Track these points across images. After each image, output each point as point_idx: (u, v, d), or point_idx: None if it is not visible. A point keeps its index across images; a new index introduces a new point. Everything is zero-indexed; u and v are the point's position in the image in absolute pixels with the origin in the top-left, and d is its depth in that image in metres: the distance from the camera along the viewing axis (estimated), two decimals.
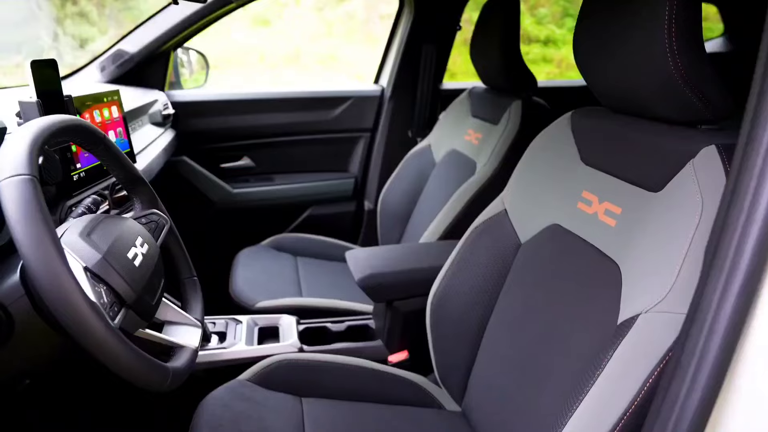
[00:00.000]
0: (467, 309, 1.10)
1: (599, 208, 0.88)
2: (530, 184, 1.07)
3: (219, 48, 5.30)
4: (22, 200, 0.60)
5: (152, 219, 0.93)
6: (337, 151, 2.28)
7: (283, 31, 5.93)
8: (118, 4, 5.48)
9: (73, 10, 5.57)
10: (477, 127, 1.67)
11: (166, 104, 1.83)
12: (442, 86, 2.24)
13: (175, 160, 1.98)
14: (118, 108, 1.24)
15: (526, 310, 0.99)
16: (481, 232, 1.13)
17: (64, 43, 5.24)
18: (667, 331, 0.64)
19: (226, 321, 1.42)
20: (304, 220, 2.25)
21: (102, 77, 1.80)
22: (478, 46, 1.61)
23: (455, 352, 1.13)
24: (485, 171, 1.50)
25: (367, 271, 1.30)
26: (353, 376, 1.19)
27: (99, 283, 0.69)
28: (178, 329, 0.88)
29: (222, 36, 5.34)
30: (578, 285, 0.87)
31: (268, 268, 1.75)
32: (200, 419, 0.99)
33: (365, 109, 2.23)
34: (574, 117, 1.01)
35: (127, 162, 0.91)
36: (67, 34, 5.34)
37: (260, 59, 5.73)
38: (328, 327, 1.45)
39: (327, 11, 6.24)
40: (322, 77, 5.68)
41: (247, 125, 2.12)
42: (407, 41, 2.07)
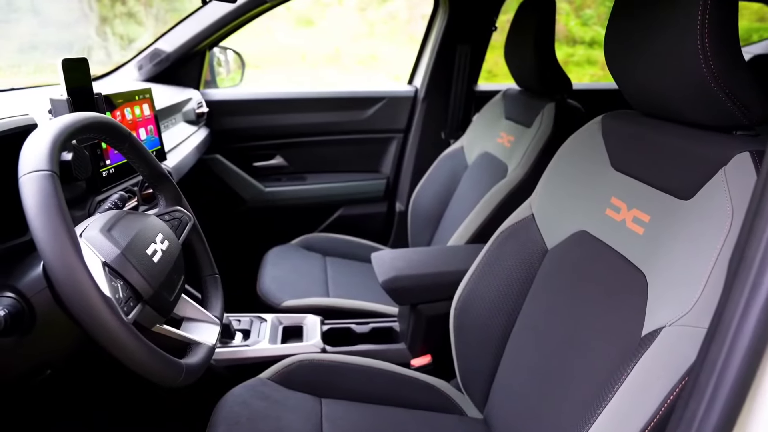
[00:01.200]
0: (491, 315, 1.08)
1: (627, 216, 0.84)
2: (558, 188, 1.04)
3: (261, 48, 5.39)
4: (41, 195, 0.61)
5: (175, 216, 0.94)
6: (369, 151, 2.27)
7: (325, 31, 5.99)
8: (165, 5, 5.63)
9: (122, 10, 5.76)
10: (510, 130, 1.64)
11: (200, 103, 1.87)
12: (477, 87, 2.21)
13: (208, 158, 2.02)
14: (149, 106, 1.26)
15: (550, 318, 0.96)
16: (507, 236, 1.10)
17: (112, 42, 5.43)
18: (691, 347, 0.61)
19: (250, 319, 1.43)
20: (334, 220, 2.26)
21: (139, 75, 1.84)
22: (512, 47, 1.57)
23: (478, 358, 1.11)
24: (516, 174, 1.46)
25: (391, 273, 1.29)
26: (374, 379, 1.18)
27: (116, 278, 0.70)
28: (196, 326, 0.89)
29: (265, 36, 5.42)
30: (604, 294, 0.84)
31: (296, 267, 1.76)
32: (218, 416, 1.00)
33: (398, 110, 2.21)
34: (605, 121, 0.97)
35: (152, 159, 0.92)
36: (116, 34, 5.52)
37: (302, 59, 5.79)
38: (352, 328, 1.44)
39: (370, 11, 6.27)
40: (361, 77, 5.70)
41: (281, 124, 2.13)
42: (441, 41, 2.05)
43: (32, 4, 4.57)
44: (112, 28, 5.59)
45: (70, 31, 4.74)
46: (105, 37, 5.31)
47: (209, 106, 1.96)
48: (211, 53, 2.05)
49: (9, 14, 4.37)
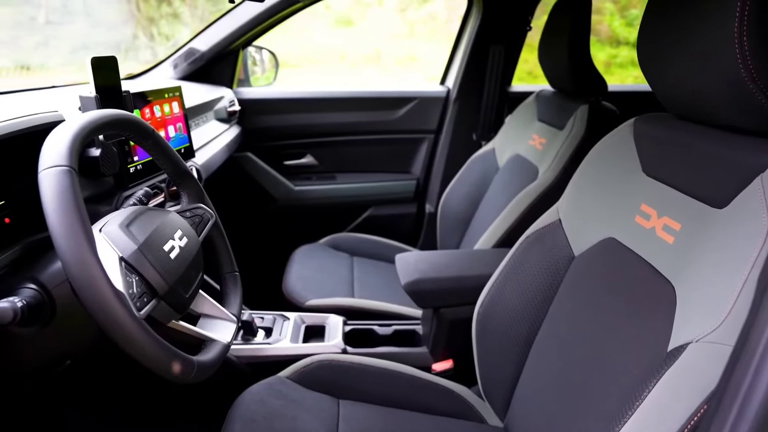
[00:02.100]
0: (514, 321, 1.05)
1: (657, 223, 0.80)
2: (587, 193, 1.00)
3: (301, 47, 5.45)
4: (58, 190, 0.62)
5: (197, 213, 0.95)
6: (400, 151, 2.26)
7: (365, 32, 6.01)
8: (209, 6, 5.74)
9: (168, 11, 5.91)
10: (542, 132, 1.60)
11: (232, 101, 1.89)
12: (511, 88, 2.16)
13: (239, 156, 2.04)
14: (179, 104, 1.28)
15: (574, 327, 0.93)
16: (533, 241, 1.07)
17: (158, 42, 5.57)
18: (718, 366, 0.57)
19: (274, 317, 1.44)
20: (364, 220, 2.25)
21: (174, 74, 1.87)
22: (546, 47, 1.54)
23: (500, 365, 1.08)
24: (546, 178, 1.42)
25: (414, 275, 1.27)
26: (394, 382, 1.16)
27: (132, 274, 0.70)
28: (213, 323, 0.89)
29: (305, 36, 5.48)
30: (630, 304, 0.81)
31: (323, 266, 1.76)
32: (235, 413, 1.00)
33: (430, 110, 2.19)
34: (637, 124, 0.93)
35: (175, 156, 0.93)
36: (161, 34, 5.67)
37: (341, 59, 5.82)
38: (374, 330, 1.43)
39: (410, 12, 6.25)
40: (399, 78, 5.69)
41: (312, 123, 2.14)
42: (474, 41, 2.02)
43: (85, 6, 4.75)
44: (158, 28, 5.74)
45: (118, 31, 4.90)
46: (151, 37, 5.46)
47: (242, 104, 1.98)
48: (245, 52, 2.07)
49: (64, 16, 4.55)
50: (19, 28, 3.99)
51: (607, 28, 5.50)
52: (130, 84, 1.54)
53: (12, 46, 3.55)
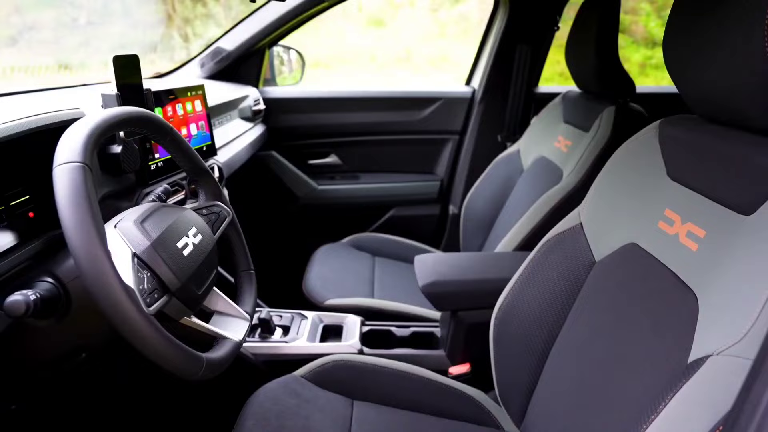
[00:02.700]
0: (532, 327, 1.03)
1: (681, 229, 0.77)
2: (610, 197, 0.97)
3: (332, 47, 5.47)
4: (71, 186, 0.63)
5: (213, 211, 0.95)
6: (424, 152, 2.24)
7: (396, 32, 6.00)
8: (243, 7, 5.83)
9: (202, 11, 6.01)
10: (567, 134, 1.56)
11: (257, 100, 1.90)
12: (537, 89, 2.13)
13: (264, 154, 2.06)
14: (201, 102, 1.29)
15: (594, 334, 0.90)
16: (554, 245, 1.05)
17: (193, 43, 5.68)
18: (738, 381, 0.54)
19: (292, 315, 1.44)
20: (386, 220, 2.24)
21: (201, 73, 1.90)
22: (572, 47, 1.50)
23: (517, 370, 1.06)
24: (569, 181, 1.39)
25: (432, 277, 1.25)
26: (409, 385, 1.15)
27: (144, 270, 0.71)
28: (225, 320, 0.89)
29: (337, 36, 5.51)
30: (651, 313, 0.78)
31: (344, 266, 1.76)
32: (249, 410, 1.01)
33: (455, 111, 2.17)
34: (663, 126, 0.90)
35: (193, 154, 0.94)
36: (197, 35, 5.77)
37: (372, 59, 5.83)
38: (392, 331, 1.42)
39: (441, 12, 6.22)
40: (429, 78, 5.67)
41: (336, 123, 2.14)
42: (501, 41, 1.99)
43: (124, 7, 4.86)
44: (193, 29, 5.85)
45: (154, 31, 5.00)
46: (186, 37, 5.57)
47: (267, 103, 1.99)
48: (272, 51, 2.09)
49: (104, 17, 4.67)
50: (62, 29, 4.11)
51: (643, 29, 5.36)
52: (157, 82, 1.56)
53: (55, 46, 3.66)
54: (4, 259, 0.76)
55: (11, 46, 3.43)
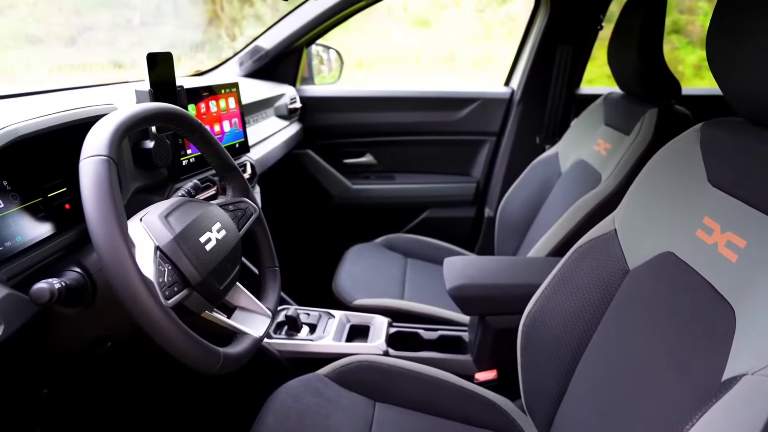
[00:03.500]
0: (561, 335, 1.00)
1: (720, 239, 0.73)
2: (646, 203, 0.93)
3: (377, 47, 5.49)
4: (95, 178, 0.64)
5: (240, 207, 0.96)
6: (460, 153, 2.21)
7: (441, 33, 5.97)
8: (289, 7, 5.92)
9: (250, 12, 6.13)
10: (608, 137, 1.51)
11: (293, 98, 1.92)
12: (579, 91, 2.07)
13: (299, 152, 2.07)
14: (235, 99, 1.30)
15: (625, 346, 0.86)
16: (586, 252, 1.01)
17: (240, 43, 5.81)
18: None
19: (319, 314, 1.44)
20: (420, 221, 2.23)
21: (240, 71, 1.93)
22: (615, 47, 1.45)
23: (544, 380, 1.02)
24: (607, 185, 1.34)
25: (460, 280, 1.23)
26: (433, 389, 1.13)
27: (165, 263, 0.72)
28: (247, 316, 0.90)
29: (382, 37, 5.52)
30: (686, 326, 0.74)
31: (375, 266, 1.75)
32: (269, 407, 1.01)
33: (492, 112, 2.13)
34: (705, 129, 0.85)
35: (221, 151, 0.95)
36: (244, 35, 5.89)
37: (416, 60, 5.82)
38: (419, 333, 1.40)
39: (488, 13, 6.15)
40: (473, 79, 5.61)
41: (373, 122, 2.14)
42: (541, 41, 1.94)
43: (175, 7, 5.02)
44: (240, 29, 5.97)
45: (203, 31, 5.14)
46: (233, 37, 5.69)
47: (304, 102, 2.01)
48: (310, 50, 2.10)
49: (156, 18, 4.83)
50: (117, 29, 4.28)
51: (700, 29, 5.15)
52: (196, 80, 1.60)
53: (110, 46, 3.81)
54: (40, 248, 0.79)
55: (71, 45, 3.59)
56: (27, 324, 0.70)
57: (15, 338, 0.68)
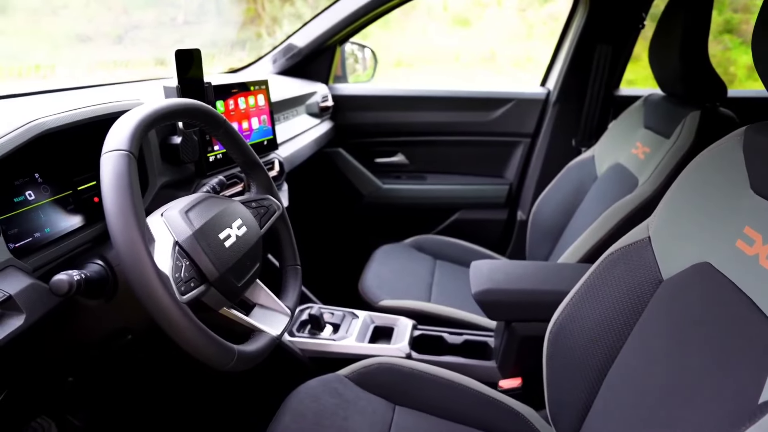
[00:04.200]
0: (589, 345, 0.96)
1: (762, 251, 0.69)
2: (683, 209, 0.89)
3: (417, 47, 5.47)
4: (115, 173, 0.65)
5: (263, 204, 0.95)
6: (493, 154, 2.17)
7: (481, 32, 5.91)
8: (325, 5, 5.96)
9: (290, 11, 6.20)
10: (646, 140, 1.45)
11: (325, 96, 1.91)
12: (618, 92, 2.00)
13: (331, 151, 2.07)
14: (265, 97, 1.31)
15: (656, 359, 0.82)
16: (617, 259, 0.97)
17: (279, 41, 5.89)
18: None
19: (343, 313, 1.43)
20: (451, 223, 2.20)
21: (273, 69, 1.94)
22: (657, 46, 1.39)
23: (571, 390, 0.99)
24: (643, 190, 1.29)
25: (486, 285, 1.20)
26: (455, 395, 1.11)
27: (183, 258, 0.72)
28: (266, 314, 0.89)
29: (421, 36, 5.50)
30: (721, 342, 0.70)
31: (403, 267, 1.73)
32: (287, 406, 1.00)
33: (527, 113, 2.09)
34: (749, 133, 0.80)
35: (245, 147, 0.94)
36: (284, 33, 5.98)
37: (455, 59, 5.78)
38: (444, 337, 1.38)
39: (530, 12, 6.06)
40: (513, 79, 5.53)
41: (405, 122, 2.12)
42: (579, 40, 1.89)
43: (217, 6, 5.12)
44: (281, 27, 6.05)
45: (245, 30, 5.23)
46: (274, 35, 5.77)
47: (336, 100, 2.00)
48: (343, 48, 2.10)
49: (199, 16, 4.94)
50: (161, 28, 4.40)
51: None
52: (228, 77, 1.61)
53: (155, 44, 3.92)
54: (68, 240, 0.80)
55: (118, 43, 3.71)
56: (48, 314, 0.71)
57: (37, 327, 0.69)
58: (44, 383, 0.90)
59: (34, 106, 0.83)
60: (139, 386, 1.26)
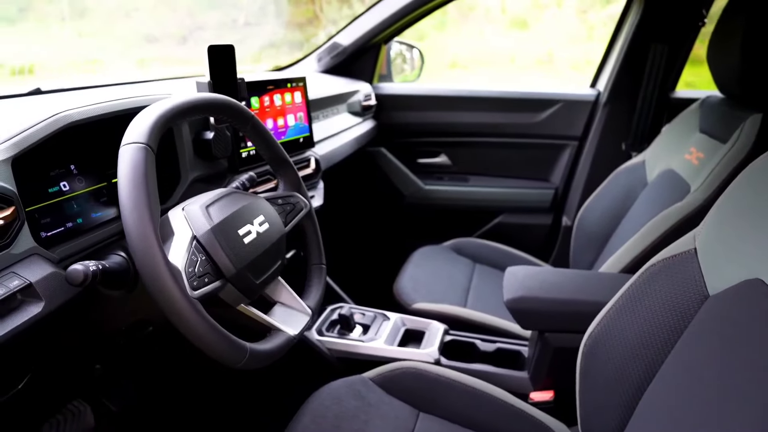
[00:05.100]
0: (626, 361, 0.90)
1: None
2: (733, 220, 0.82)
3: (472, 48, 5.42)
4: (131, 165, 0.65)
5: (290, 201, 0.95)
6: (539, 157, 2.10)
7: (539, 34, 5.81)
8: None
9: (348, 13, 6.27)
10: (701, 145, 1.36)
11: (368, 95, 1.90)
12: (674, 94, 1.89)
13: (373, 150, 2.06)
14: (302, 94, 1.30)
15: (699, 380, 0.76)
16: (659, 271, 0.91)
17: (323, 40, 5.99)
18: None
19: (375, 315, 1.41)
20: (493, 226, 2.14)
21: (318, 67, 1.94)
22: (716, 46, 1.30)
23: (605, 408, 0.93)
24: (694, 198, 1.21)
25: (519, 292, 1.15)
26: (483, 405, 1.07)
27: (200, 253, 0.72)
28: (286, 312, 0.88)
29: (477, 37, 5.45)
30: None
31: (440, 270, 1.70)
32: (309, 406, 0.99)
33: (575, 115, 2.01)
34: None
35: (274, 144, 0.94)
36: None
37: (511, 61, 5.69)
38: (476, 344, 1.34)
39: (591, 14, 5.89)
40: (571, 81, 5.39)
41: (448, 122, 2.09)
42: (632, 40, 1.80)
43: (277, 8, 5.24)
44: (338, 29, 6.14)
45: (303, 31, 5.33)
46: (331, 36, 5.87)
47: (380, 99, 1.99)
48: (389, 47, 2.08)
49: (260, 18, 5.07)
50: (223, 29, 4.54)
51: None
52: (272, 74, 1.62)
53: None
54: (97, 231, 0.82)
55: (182, 44, 3.87)
56: (68, 303, 0.72)
57: (57, 315, 0.71)
58: (72, 369, 0.92)
59: (67, 100, 0.85)
60: (164, 378, 1.28)
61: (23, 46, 2.73)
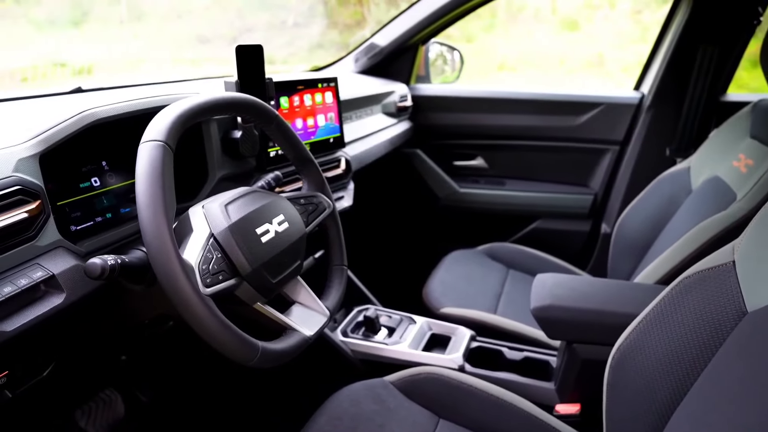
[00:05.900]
0: (656, 377, 0.86)
1: None
2: None
3: (522, 51, 5.35)
4: (149, 162, 0.66)
5: (312, 202, 0.94)
6: (578, 162, 2.04)
7: (590, 36, 5.68)
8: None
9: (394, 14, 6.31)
10: (751, 151, 1.29)
11: (404, 96, 1.89)
12: (725, 97, 1.80)
13: (408, 152, 2.04)
14: (333, 94, 1.31)
15: (734, 400, 0.72)
16: (694, 284, 0.86)
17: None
18: None
19: (401, 317, 1.40)
20: (529, 232, 2.09)
21: (355, 68, 1.94)
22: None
23: (633, 425, 0.89)
24: (739, 208, 1.14)
25: (546, 300, 1.12)
26: (506, 415, 1.04)
27: (216, 251, 0.72)
28: (303, 312, 0.88)
29: (527, 39, 5.38)
30: None
31: (471, 274, 1.67)
32: (325, 408, 0.99)
33: (618, 118, 1.94)
34: None
35: (298, 143, 0.94)
36: None
37: (560, 63, 5.58)
38: (503, 352, 1.31)
39: (645, 14, 5.72)
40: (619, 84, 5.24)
41: (486, 124, 2.05)
42: (680, 40, 1.72)
43: (326, 9, 5.30)
44: None
45: (350, 32, 5.38)
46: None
47: (416, 100, 1.98)
48: (426, 48, 2.07)
49: (308, 19, 5.15)
50: (272, 30, 4.63)
51: None
52: (305, 75, 1.63)
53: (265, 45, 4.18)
54: (126, 225, 0.84)
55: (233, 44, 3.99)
56: (90, 295, 0.74)
57: (79, 306, 0.73)
58: (97, 359, 0.95)
59: (100, 99, 0.87)
60: (182, 373, 1.31)
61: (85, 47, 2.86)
